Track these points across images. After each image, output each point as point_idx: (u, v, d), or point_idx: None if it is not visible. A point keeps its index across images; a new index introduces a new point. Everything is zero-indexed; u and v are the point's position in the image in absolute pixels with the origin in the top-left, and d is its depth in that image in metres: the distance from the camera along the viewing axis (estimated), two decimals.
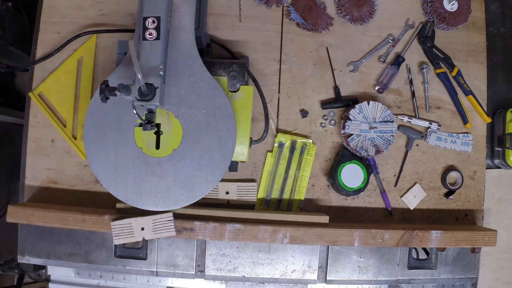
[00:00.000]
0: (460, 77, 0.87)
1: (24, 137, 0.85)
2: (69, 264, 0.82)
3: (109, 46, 0.86)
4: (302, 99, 0.86)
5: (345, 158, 0.82)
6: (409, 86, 0.88)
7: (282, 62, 0.87)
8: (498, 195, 0.90)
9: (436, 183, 0.87)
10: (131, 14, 0.87)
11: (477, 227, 0.85)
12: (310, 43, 0.87)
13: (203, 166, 0.67)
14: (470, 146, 0.86)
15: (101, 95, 0.60)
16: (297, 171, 0.83)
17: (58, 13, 0.87)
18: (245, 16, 0.87)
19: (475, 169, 0.88)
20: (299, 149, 0.84)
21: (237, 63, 0.73)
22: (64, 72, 0.85)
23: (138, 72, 0.57)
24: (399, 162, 0.87)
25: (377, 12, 0.88)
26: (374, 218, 0.85)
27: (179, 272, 0.82)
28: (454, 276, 0.85)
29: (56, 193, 0.84)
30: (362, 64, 0.88)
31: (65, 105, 0.85)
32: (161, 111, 0.67)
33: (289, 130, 0.85)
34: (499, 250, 0.88)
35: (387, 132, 0.80)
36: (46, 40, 0.86)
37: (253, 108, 0.81)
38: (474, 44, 0.90)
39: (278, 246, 0.83)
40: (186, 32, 0.68)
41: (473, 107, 0.88)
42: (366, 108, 0.80)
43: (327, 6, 0.88)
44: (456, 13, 0.86)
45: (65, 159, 0.84)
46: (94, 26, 0.86)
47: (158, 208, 0.67)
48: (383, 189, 0.85)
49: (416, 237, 0.78)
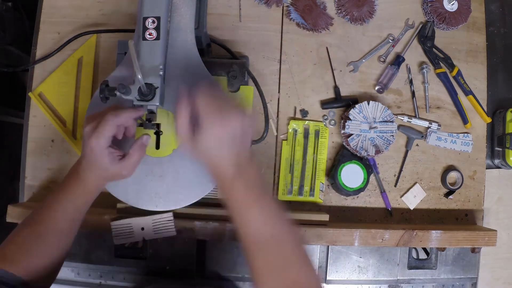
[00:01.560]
0: (460, 77, 0.87)
1: (24, 137, 0.85)
2: (69, 264, 0.82)
3: (109, 46, 0.86)
4: (302, 99, 0.86)
5: (345, 158, 0.82)
6: (409, 86, 0.88)
7: (282, 62, 0.87)
8: (498, 195, 0.90)
9: (436, 183, 0.87)
10: (131, 14, 0.87)
11: (477, 227, 0.85)
12: (310, 43, 0.87)
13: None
14: (470, 146, 0.87)
15: (101, 95, 0.60)
16: (314, 155, 0.84)
17: (58, 13, 0.87)
18: (245, 16, 0.87)
19: (475, 169, 0.88)
20: (313, 134, 0.84)
21: (237, 63, 0.73)
22: (64, 72, 0.85)
23: (138, 72, 0.57)
24: (399, 162, 0.87)
25: (377, 12, 0.88)
26: (374, 218, 0.85)
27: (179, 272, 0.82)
28: (454, 276, 0.85)
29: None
30: (362, 64, 0.88)
31: (65, 105, 0.85)
32: (161, 111, 0.67)
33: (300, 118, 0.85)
34: (499, 250, 0.88)
35: (387, 132, 0.80)
36: (46, 40, 0.86)
37: (253, 108, 0.82)
38: (474, 44, 0.90)
39: None
40: (186, 32, 0.68)
41: (473, 107, 0.88)
42: (366, 108, 0.80)
43: (327, 6, 0.88)
44: (456, 13, 0.86)
45: (65, 159, 0.84)
46: (94, 26, 0.86)
47: (158, 208, 0.67)
48: (383, 189, 0.85)
49: (416, 237, 0.78)
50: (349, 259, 0.84)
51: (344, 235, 0.77)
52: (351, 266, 0.84)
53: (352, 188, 0.81)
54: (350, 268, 0.84)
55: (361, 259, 0.84)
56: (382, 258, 0.84)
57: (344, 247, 0.83)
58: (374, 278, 0.84)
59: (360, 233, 0.77)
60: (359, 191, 0.81)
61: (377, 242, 0.77)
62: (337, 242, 0.77)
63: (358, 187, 0.81)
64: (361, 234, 0.77)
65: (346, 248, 0.83)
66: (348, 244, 0.77)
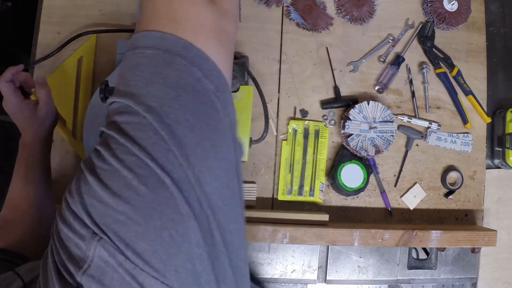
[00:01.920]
0: (460, 77, 0.87)
1: None
2: None
3: (109, 46, 0.86)
4: (302, 99, 0.86)
5: (345, 158, 0.82)
6: (409, 86, 0.88)
7: (282, 62, 0.87)
8: (498, 195, 0.90)
9: (436, 183, 0.87)
10: (131, 14, 0.86)
11: (477, 227, 0.85)
12: (310, 43, 0.87)
13: None
14: (470, 146, 0.87)
15: (101, 95, 0.60)
16: (314, 155, 0.84)
17: (58, 13, 0.87)
18: (245, 16, 0.87)
19: (475, 169, 0.88)
20: (313, 134, 0.84)
21: (237, 63, 0.73)
22: (64, 72, 0.85)
23: None
24: (399, 162, 0.87)
25: (377, 12, 0.88)
26: (374, 218, 0.85)
27: None
28: (454, 276, 0.85)
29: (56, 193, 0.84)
30: (362, 64, 0.88)
31: (65, 105, 0.85)
32: None
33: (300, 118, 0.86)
34: (499, 250, 0.88)
35: (387, 132, 0.80)
36: (46, 40, 0.86)
37: (253, 108, 0.81)
38: (474, 44, 0.90)
39: (277, 246, 0.83)
40: None
41: (473, 107, 0.88)
42: (366, 108, 0.80)
43: (327, 6, 0.88)
44: (456, 13, 0.86)
45: (65, 159, 0.84)
46: (94, 26, 0.86)
47: None
48: (383, 189, 0.85)
49: (416, 237, 0.78)
50: (349, 259, 0.84)
51: (344, 235, 0.77)
52: (351, 266, 0.84)
53: (352, 188, 0.81)
54: (350, 268, 0.84)
55: (361, 259, 0.84)
56: (382, 258, 0.84)
57: (344, 247, 0.83)
58: (374, 278, 0.84)
59: (360, 233, 0.77)
60: (359, 191, 0.81)
61: (377, 242, 0.77)
62: (337, 242, 0.77)
63: (358, 187, 0.81)
64: (361, 234, 0.77)
65: (346, 248, 0.83)
66: (348, 244, 0.77)
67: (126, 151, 0.29)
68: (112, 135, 0.30)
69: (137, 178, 0.29)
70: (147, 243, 0.28)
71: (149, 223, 0.28)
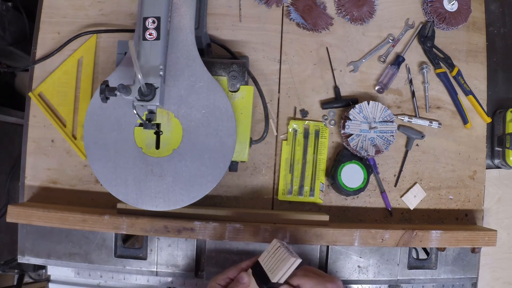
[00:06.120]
0: (460, 77, 0.87)
1: (24, 137, 0.85)
2: (69, 264, 0.82)
3: (109, 46, 0.86)
4: (302, 99, 0.86)
5: (345, 158, 0.82)
6: (409, 86, 0.88)
7: (282, 62, 0.87)
8: (498, 195, 0.90)
9: (436, 183, 0.87)
10: (131, 14, 0.87)
11: (477, 227, 0.85)
12: (310, 43, 0.87)
13: (203, 166, 0.67)
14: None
15: (101, 95, 0.60)
16: (314, 155, 0.84)
17: (58, 13, 0.87)
18: (245, 16, 0.87)
19: (475, 169, 0.88)
20: (313, 134, 0.84)
21: (237, 63, 0.73)
22: (64, 72, 0.85)
23: (138, 72, 0.57)
24: (399, 162, 0.87)
25: (377, 12, 0.88)
26: (374, 218, 0.85)
27: (179, 272, 0.82)
28: (454, 276, 0.85)
29: (56, 193, 0.84)
30: (362, 64, 0.88)
31: (65, 105, 0.85)
32: (161, 111, 0.67)
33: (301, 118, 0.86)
34: (499, 250, 0.88)
35: (387, 132, 0.80)
36: (46, 40, 0.86)
37: (253, 108, 0.82)
38: (474, 44, 0.90)
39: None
40: (186, 32, 0.68)
41: (473, 107, 0.88)
42: (366, 108, 0.81)
43: (327, 6, 0.88)
44: (456, 13, 0.86)
45: (65, 159, 0.85)
46: (94, 26, 0.86)
47: (158, 208, 0.67)
48: (383, 189, 0.85)
49: (416, 237, 0.78)
50: (349, 259, 0.84)
51: (344, 235, 0.77)
52: (351, 266, 0.84)
53: (352, 188, 0.81)
54: (350, 268, 0.84)
55: (361, 259, 0.84)
56: (382, 258, 0.84)
57: (344, 247, 0.83)
58: (374, 278, 0.84)
59: (360, 233, 0.77)
60: (359, 191, 0.81)
61: (377, 242, 0.77)
62: (337, 242, 0.77)
63: (358, 187, 0.81)
64: (361, 234, 0.77)
65: (346, 248, 0.83)
66: (348, 244, 0.77)
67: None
68: None
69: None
70: None
71: None
